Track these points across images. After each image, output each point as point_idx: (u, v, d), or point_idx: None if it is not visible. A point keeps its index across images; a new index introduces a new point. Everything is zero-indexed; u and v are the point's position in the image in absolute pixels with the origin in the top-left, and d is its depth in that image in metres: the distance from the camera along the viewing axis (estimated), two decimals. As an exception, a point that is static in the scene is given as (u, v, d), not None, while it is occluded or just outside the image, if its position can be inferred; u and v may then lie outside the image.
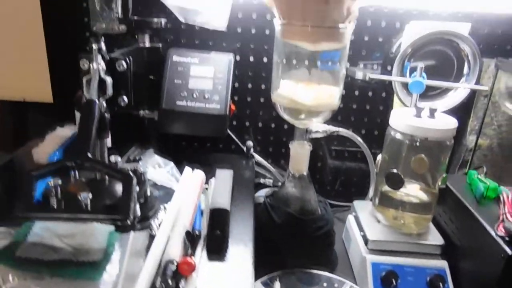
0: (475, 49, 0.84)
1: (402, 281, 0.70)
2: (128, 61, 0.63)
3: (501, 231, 0.62)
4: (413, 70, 0.83)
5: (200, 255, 0.53)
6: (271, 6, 0.65)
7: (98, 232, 0.51)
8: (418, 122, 0.71)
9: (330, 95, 0.67)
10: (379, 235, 0.75)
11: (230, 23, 0.85)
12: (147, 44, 0.82)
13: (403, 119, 0.72)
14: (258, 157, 0.88)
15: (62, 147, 0.74)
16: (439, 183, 0.74)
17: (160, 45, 0.83)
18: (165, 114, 0.78)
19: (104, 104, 0.57)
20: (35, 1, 0.87)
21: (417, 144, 0.71)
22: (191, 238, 0.52)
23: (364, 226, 0.78)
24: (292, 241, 0.73)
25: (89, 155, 0.49)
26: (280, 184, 0.89)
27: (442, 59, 0.88)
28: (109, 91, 0.56)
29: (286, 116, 0.71)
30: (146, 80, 0.79)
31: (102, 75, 0.55)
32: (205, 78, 0.80)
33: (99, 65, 0.55)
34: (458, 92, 0.88)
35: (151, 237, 0.53)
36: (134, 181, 0.49)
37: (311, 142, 0.74)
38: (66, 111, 0.92)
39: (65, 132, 0.79)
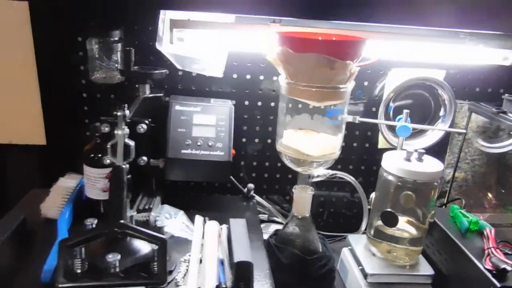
0: (450, 94, 0.93)
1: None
2: (148, 123, 0.66)
3: (489, 265, 0.70)
4: (396, 110, 0.91)
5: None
6: (277, 66, 0.70)
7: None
8: (408, 166, 0.78)
9: (334, 146, 0.72)
10: (377, 269, 0.81)
11: (226, 69, 0.89)
12: (148, 94, 0.84)
13: (394, 162, 0.79)
14: (258, 198, 0.92)
15: (71, 201, 0.75)
16: (429, 219, 0.81)
17: (162, 94, 0.85)
18: (171, 162, 0.80)
19: (127, 167, 0.59)
20: (29, 45, 0.87)
21: (408, 185, 0.78)
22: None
23: (361, 260, 0.83)
24: (299, 280, 0.78)
25: (123, 221, 0.52)
26: (277, 220, 0.94)
27: (420, 101, 0.97)
28: (132, 155, 0.58)
29: (290, 164, 0.76)
30: (149, 129, 0.82)
31: (126, 140, 0.57)
32: (208, 126, 0.84)
33: (123, 130, 0.57)
34: (436, 132, 0.97)
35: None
36: (167, 245, 0.52)
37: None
38: (59, 154, 0.94)
39: (69, 183, 0.80)
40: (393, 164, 0.79)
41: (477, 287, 0.71)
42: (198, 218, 0.76)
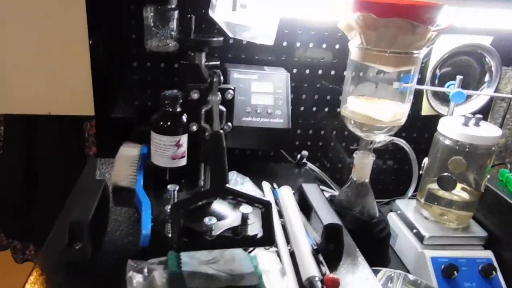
0: (497, 60, 0.94)
1: (460, 272, 0.79)
2: (233, 88, 0.65)
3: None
4: (441, 77, 0.92)
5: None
6: (349, 32, 0.70)
7: (238, 257, 0.54)
8: (466, 130, 0.80)
9: (402, 112, 0.73)
10: (432, 231, 0.84)
11: (277, 37, 0.89)
12: (204, 62, 0.83)
13: (452, 127, 0.81)
14: (311, 165, 0.94)
15: (140, 168, 0.75)
16: (484, 184, 0.83)
17: (219, 62, 0.84)
18: (234, 130, 0.80)
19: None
20: (81, 14, 0.85)
21: (466, 149, 0.80)
22: (316, 254, 0.57)
23: (415, 223, 0.86)
24: (361, 244, 0.80)
25: (229, 186, 0.52)
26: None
27: (465, 67, 0.98)
28: (224, 121, 0.58)
29: (354, 130, 0.77)
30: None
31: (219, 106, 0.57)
32: (266, 94, 0.84)
33: (217, 96, 0.57)
34: (480, 98, 0.98)
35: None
36: (273, 207, 0.53)
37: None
38: (108, 124, 0.93)
39: (131, 152, 0.80)
40: (451, 129, 0.81)
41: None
42: (266, 184, 0.77)
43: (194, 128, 0.65)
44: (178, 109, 0.72)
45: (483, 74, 0.98)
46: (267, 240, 0.51)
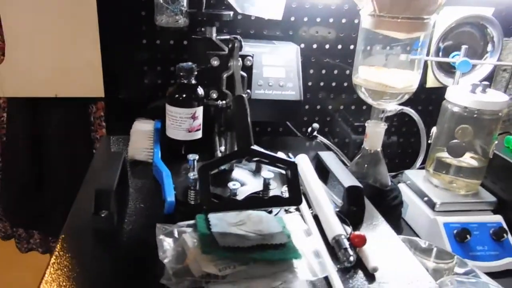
0: (499, 30, 0.96)
1: (472, 236, 0.81)
2: (252, 55, 0.66)
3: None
4: (444, 49, 0.94)
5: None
6: (360, 1, 0.70)
7: (265, 218, 0.55)
8: (474, 97, 0.81)
9: (413, 80, 0.74)
10: (443, 198, 0.85)
11: (284, 12, 0.89)
12: (215, 36, 0.83)
13: (460, 94, 0.82)
14: (321, 138, 0.94)
15: (157, 142, 0.75)
16: (492, 150, 0.85)
17: (229, 36, 0.84)
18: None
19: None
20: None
21: (474, 115, 0.82)
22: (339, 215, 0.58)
23: (426, 191, 0.88)
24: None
25: (255, 147, 0.53)
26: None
27: (468, 38, 0.99)
28: (245, 86, 0.59)
29: (366, 98, 0.78)
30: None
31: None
32: (277, 67, 0.84)
33: (239, 62, 0.57)
34: (484, 68, 1.00)
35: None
36: (299, 167, 0.53)
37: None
38: (117, 105, 0.93)
39: (145, 127, 0.80)
40: (459, 96, 0.82)
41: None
42: (281, 154, 0.77)
43: (214, 95, 0.65)
44: (193, 81, 0.73)
45: (485, 45, 0.99)
46: (295, 200, 0.52)
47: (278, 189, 0.64)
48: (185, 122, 0.73)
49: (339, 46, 0.96)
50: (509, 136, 0.91)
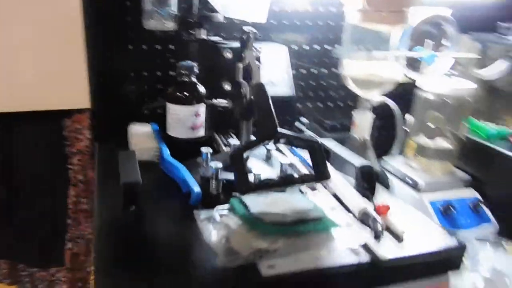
0: (455, 28, 1.07)
1: (454, 210, 0.89)
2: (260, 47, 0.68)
3: (526, 155, 0.85)
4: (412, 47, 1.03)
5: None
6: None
7: (295, 198, 0.57)
8: (444, 83, 0.90)
9: (398, 70, 0.81)
10: (425, 179, 0.92)
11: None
12: (205, 38, 0.85)
13: (431, 83, 0.91)
14: (310, 132, 0.98)
15: (161, 142, 0.75)
16: (463, 132, 0.94)
17: (218, 38, 0.87)
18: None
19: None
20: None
21: (445, 99, 0.90)
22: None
23: (408, 174, 0.94)
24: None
25: (281, 130, 0.56)
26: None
27: (427, 36, 1.09)
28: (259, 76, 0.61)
29: (355, 88, 0.84)
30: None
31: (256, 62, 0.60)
32: (269, 66, 0.87)
33: (253, 51, 0.60)
34: (443, 62, 1.10)
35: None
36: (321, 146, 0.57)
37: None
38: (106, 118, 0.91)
39: (144, 129, 0.80)
40: (430, 83, 0.91)
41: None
42: (284, 147, 0.80)
43: (227, 87, 0.67)
44: (194, 80, 0.74)
45: (440, 40, 1.10)
46: (324, 175, 0.55)
47: (294, 172, 0.67)
48: (188, 120, 0.73)
49: (317, 47, 1.02)
50: (472, 120, 1.01)
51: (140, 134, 0.76)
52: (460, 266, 0.56)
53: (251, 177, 0.61)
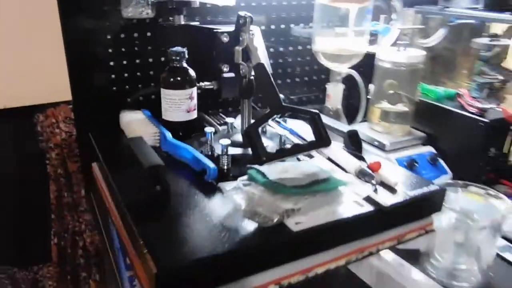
0: (401, 2, 1.18)
1: (417, 164, 1.01)
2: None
3: (473, 110, 0.98)
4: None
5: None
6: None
7: (301, 164, 0.65)
8: (399, 54, 1.01)
9: (364, 44, 0.91)
10: (389, 140, 1.04)
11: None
12: (182, 23, 0.88)
13: (389, 53, 1.02)
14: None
15: (158, 124, 0.78)
16: (417, 96, 1.07)
17: (198, 22, 0.90)
18: (224, 82, 0.88)
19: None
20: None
21: (402, 67, 1.02)
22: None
23: (374, 137, 1.06)
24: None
25: (283, 103, 0.62)
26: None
27: (378, 10, 1.20)
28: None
29: (326, 62, 0.92)
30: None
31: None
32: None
33: (249, 34, 0.65)
34: (392, 34, 1.22)
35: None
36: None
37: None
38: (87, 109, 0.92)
39: (137, 116, 0.82)
40: (387, 54, 1.02)
41: (466, 130, 1.00)
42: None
43: (225, 69, 0.72)
44: (184, 64, 0.78)
45: (391, 14, 1.21)
46: (326, 141, 0.63)
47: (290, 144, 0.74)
48: (183, 103, 0.77)
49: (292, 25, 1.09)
50: (423, 84, 1.14)
51: (135, 120, 0.79)
52: (442, 207, 0.67)
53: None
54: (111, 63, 0.91)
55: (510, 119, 0.97)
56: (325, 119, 0.81)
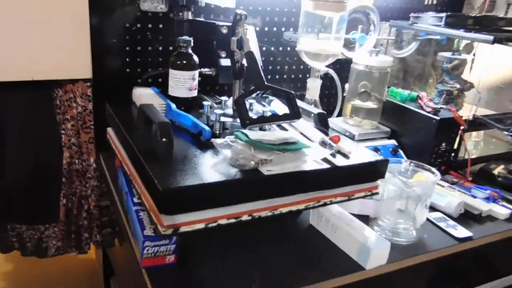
0: (378, 16, 1.37)
1: (380, 153, 1.19)
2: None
3: (428, 109, 1.17)
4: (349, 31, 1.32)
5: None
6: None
7: (275, 132, 0.82)
8: (372, 59, 1.20)
9: (340, 46, 1.09)
10: (358, 132, 1.22)
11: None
12: (191, 18, 1.06)
13: (362, 57, 1.20)
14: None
15: (165, 98, 0.96)
16: (385, 96, 1.25)
17: (203, 18, 1.09)
18: (221, 70, 1.05)
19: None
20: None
21: (373, 70, 1.20)
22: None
23: (346, 128, 1.24)
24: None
25: (266, 83, 0.80)
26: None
27: (359, 22, 1.39)
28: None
29: (308, 60, 1.10)
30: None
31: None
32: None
33: (244, 29, 0.83)
34: (369, 43, 1.41)
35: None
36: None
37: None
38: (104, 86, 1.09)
39: (148, 91, 1.00)
40: (362, 59, 1.20)
41: (422, 126, 1.18)
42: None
43: (223, 55, 0.89)
44: (190, 51, 0.96)
45: (369, 27, 1.40)
46: (297, 114, 0.81)
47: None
48: (187, 82, 0.95)
49: (283, 28, 1.27)
50: (391, 88, 1.33)
51: (146, 94, 0.96)
52: (385, 175, 0.85)
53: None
54: (127, 48, 1.09)
55: (458, 119, 1.15)
56: (302, 104, 0.99)
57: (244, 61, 0.86)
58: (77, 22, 1.03)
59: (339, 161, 0.80)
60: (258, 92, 0.80)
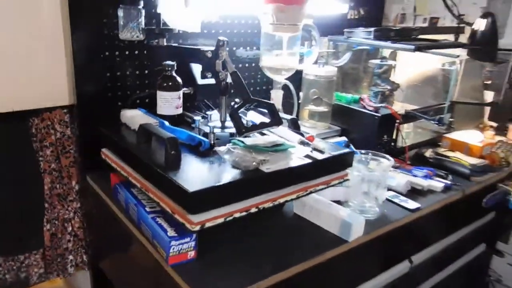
0: (319, 33, 1.59)
1: (335, 148, 1.39)
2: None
3: (370, 108, 1.40)
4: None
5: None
6: (264, 16, 1.19)
7: (263, 137, 0.98)
8: (320, 69, 1.40)
9: (296, 62, 1.28)
10: (314, 132, 1.42)
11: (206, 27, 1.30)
12: (165, 44, 1.19)
13: (312, 68, 1.40)
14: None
15: (155, 117, 1.07)
16: (333, 100, 1.46)
17: (178, 44, 1.21)
18: (198, 88, 1.19)
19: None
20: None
21: (321, 80, 1.41)
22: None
23: (305, 130, 1.42)
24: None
25: (251, 96, 0.96)
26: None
27: (305, 38, 1.59)
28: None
29: (270, 74, 1.27)
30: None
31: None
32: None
33: (227, 52, 0.97)
34: (312, 56, 1.62)
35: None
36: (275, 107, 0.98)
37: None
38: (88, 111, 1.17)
39: (135, 112, 1.10)
40: (311, 70, 1.41)
41: (366, 122, 1.40)
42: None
43: (208, 76, 1.03)
44: (173, 73, 1.08)
45: (311, 41, 1.61)
46: (280, 121, 0.97)
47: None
48: (175, 101, 1.07)
49: (248, 48, 1.43)
50: (336, 92, 1.55)
51: (137, 115, 1.07)
52: (352, 163, 1.04)
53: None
54: (108, 74, 1.18)
55: (395, 114, 1.40)
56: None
57: (229, 79, 1.01)
58: (52, 52, 1.11)
59: (317, 155, 0.97)
60: (246, 105, 0.95)
